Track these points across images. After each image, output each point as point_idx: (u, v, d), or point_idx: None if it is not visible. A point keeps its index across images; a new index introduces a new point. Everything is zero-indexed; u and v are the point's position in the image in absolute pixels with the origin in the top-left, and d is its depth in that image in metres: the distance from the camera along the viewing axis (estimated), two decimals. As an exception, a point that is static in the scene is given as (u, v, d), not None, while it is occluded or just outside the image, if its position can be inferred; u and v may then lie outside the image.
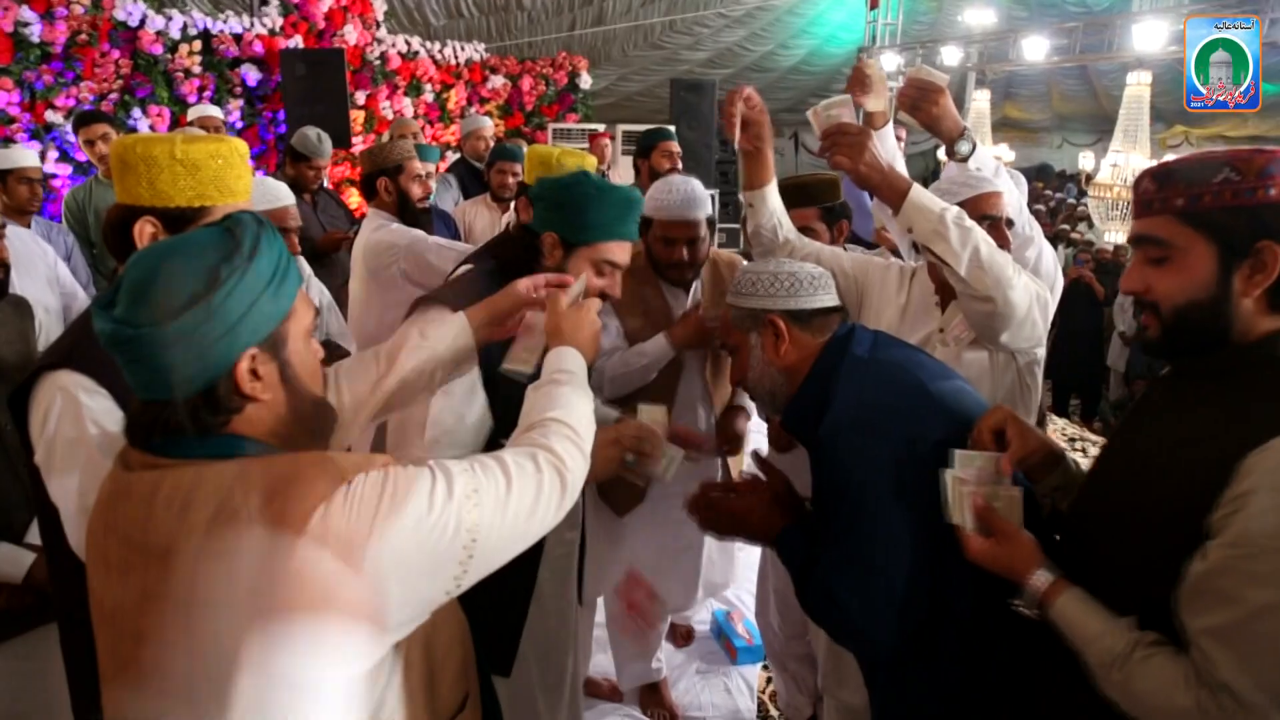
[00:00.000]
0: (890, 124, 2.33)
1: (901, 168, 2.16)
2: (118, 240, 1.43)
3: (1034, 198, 11.59)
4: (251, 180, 1.53)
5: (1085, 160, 8.95)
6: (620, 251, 1.75)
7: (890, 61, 10.68)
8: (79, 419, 1.34)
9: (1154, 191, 1.22)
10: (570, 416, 1.27)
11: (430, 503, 1.01)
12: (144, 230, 1.40)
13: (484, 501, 1.05)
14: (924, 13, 14.62)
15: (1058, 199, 14.24)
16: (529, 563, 1.70)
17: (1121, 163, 6.87)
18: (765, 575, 2.94)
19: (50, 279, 2.96)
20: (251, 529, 0.93)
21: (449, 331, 1.52)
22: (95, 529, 1.05)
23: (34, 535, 1.89)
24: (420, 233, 2.99)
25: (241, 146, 1.49)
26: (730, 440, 2.65)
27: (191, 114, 5.01)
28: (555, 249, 1.72)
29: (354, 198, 7.18)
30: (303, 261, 3.07)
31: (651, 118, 10.61)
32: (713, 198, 8.37)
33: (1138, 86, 6.94)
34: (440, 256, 2.84)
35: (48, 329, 2.15)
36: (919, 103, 2.04)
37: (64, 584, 1.51)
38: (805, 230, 2.39)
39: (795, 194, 2.42)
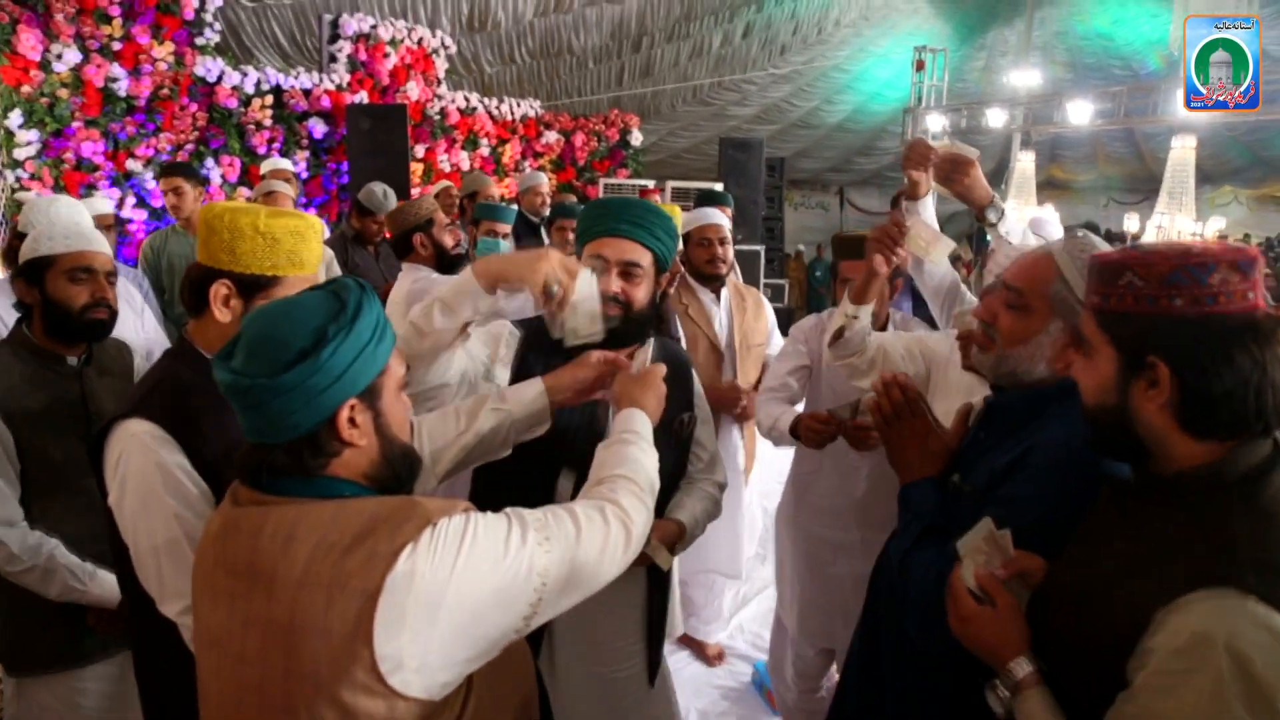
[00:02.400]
0: (931, 193, 2.46)
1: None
2: (193, 296, 1.55)
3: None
4: (321, 253, 1.64)
5: (1130, 222, 8.94)
6: (603, 247, 1.82)
7: (935, 122, 10.80)
8: (147, 464, 1.43)
9: (1090, 283, 1.18)
10: (637, 474, 1.38)
11: (506, 547, 1.12)
12: (219, 292, 1.51)
13: (554, 548, 1.16)
14: (969, 73, 14.78)
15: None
16: None
17: (1166, 224, 6.90)
18: (780, 627, 2.99)
19: (136, 323, 3.14)
20: (346, 564, 1.05)
21: (526, 395, 1.64)
22: (204, 559, 1.18)
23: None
24: None
25: (317, 223, 1.60)
26: (722, 405, 3.09)
27: (265, 166, 5.28)
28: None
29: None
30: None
31: (699, 175, 10.84)
32: (759, 254, 8.53)
33: (1183, 150, 6.99)
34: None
35: (138, 371, 2.31)
36: (951, 175, 2.19)
37: (135, 615, 1.61)
38: None
39: (858, 247, 2.45)
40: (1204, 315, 1.04)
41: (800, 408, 2.68)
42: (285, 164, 5.37)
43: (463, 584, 1.06)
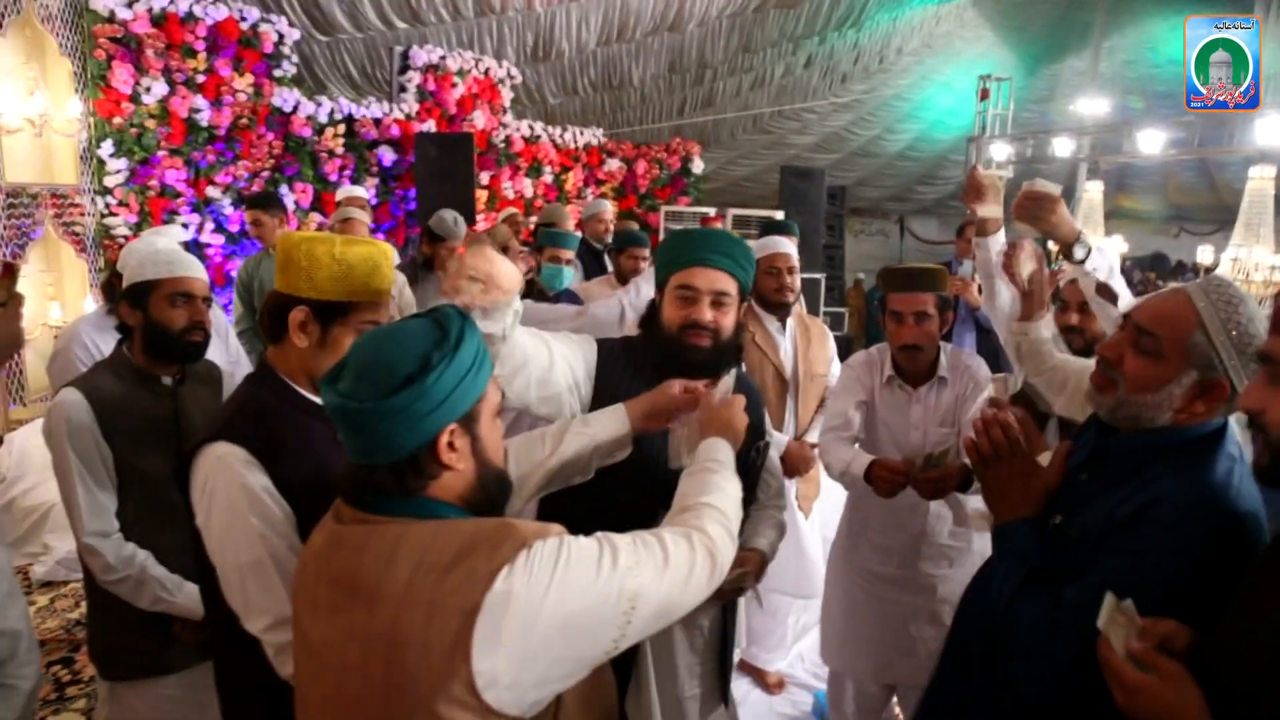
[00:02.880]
0: (1001, 230, 2.46)
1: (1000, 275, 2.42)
2: (273, 323, 1.61)
3: (1146, 288, 11.29)
4: (394, 278, 1.69)
5: (1204, 254, 8.70)
6: (693, 276, 1.84)
7: (1000, 151, 10.68)
8: (233, 486, 1.47)
9: None
10: (721, 502, 1.40)
11: (598, 570, 1.14)
12: (295, 318, 1.56)
13: (643, 574, 1.18)
14: (1034, 102, 14.60)
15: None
16: None
17: (1243, 256, 6.68)
18: None
19: (221, 346, 3.26)
20: (446, 582, 1.08)
21: (609, 421, 1.68)
22: (306, 572, 1.22)
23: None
24: (529, 301, 3.29)
25: (389, 250, 1.65)
26: (794, 464, 3.18)
27: (340, 194, 5.45)
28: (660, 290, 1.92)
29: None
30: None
31: (759, 203, 10.86)
32: (819, 281, 8.51)
33: (1260, 180, 6.79)
34: (556, 314, 3.14)
35: (226, 391, 2.40)
36: (1037, 213, 2.16)
37: (218, 630, 1.65)
38: (921, 315, 2.48)
39: (906, 280, 2.52)
40: None
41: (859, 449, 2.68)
42: (360, 191, 5.52)
43: (556, 605, 1.09)
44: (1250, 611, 1.17)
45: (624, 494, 1.73)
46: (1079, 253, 2.18)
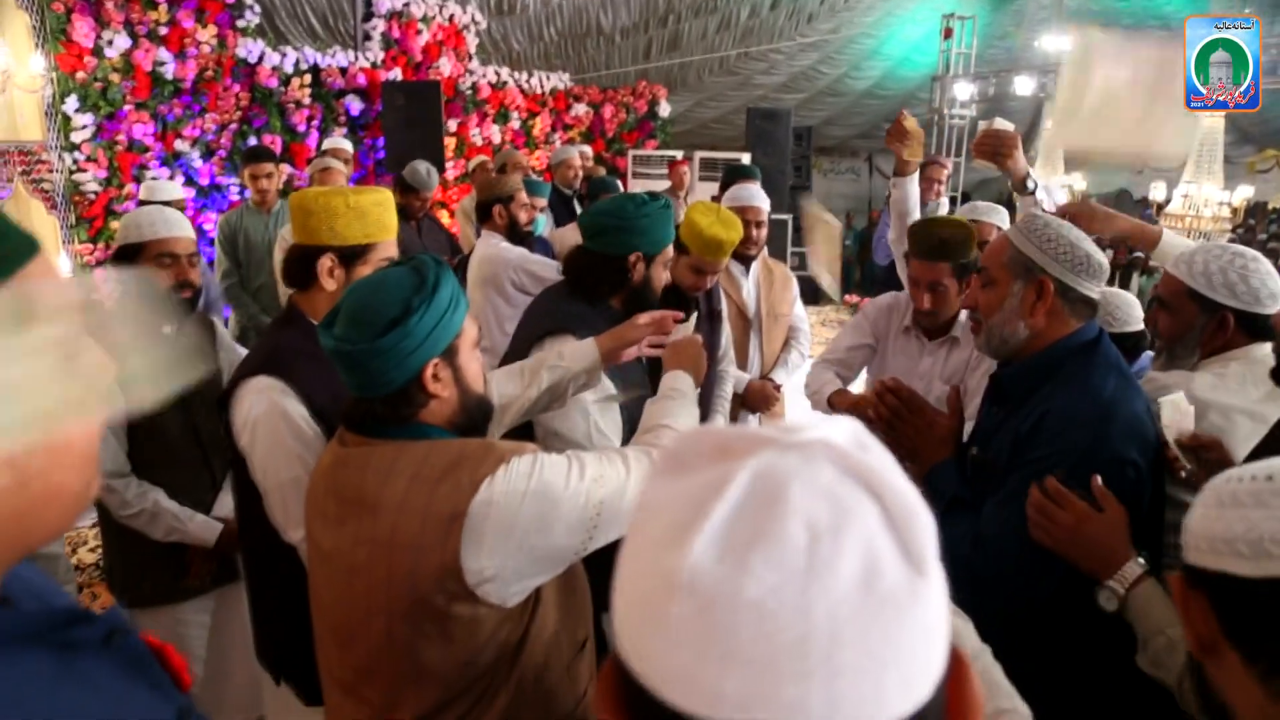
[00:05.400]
0: (917, 171, 2.91)
1: (916, 212, 2.97)
2: (299, 272, 1.79)
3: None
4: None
5: (1157, 190, 8.92)
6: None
7: (963, 90, 10.80)
8: (274, 413, 1.67)
9: None
10: (679, 424, 1.61)
11: (567, 481, 1.33)
12: (325, 264, 1.75)
13: (608, 484, 1.37)
14: (1000, 38, 14.63)
15: (1135, 225, 14.01)
16: None
17: (1194, 193, 6.91)
18: None
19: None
20: (437, 492, 1.26)
21: (582, 354, 1.85)
22: (316, 490, 1.40)
23: (217, 511, 2.30)
24: (525, 250, 3.49)
25: (390, 194, 1.85)
26: (756, 400, 3.33)
27: (327, 143, 5.52)
28: (639, 264, 2.09)
29: (444, 218, 7.66)
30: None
31: (728, 144, 10.94)
32: (787, 222, 8.64)
33: (1211, 119, 6.99)
34: (544, 268, 3.36)
35: (220, 339, 2.54)
36: (998, 150, 2.44)
37: (254, 550, 1.87)
38: (935, 285, 2.52)
39: (930, 249, 2.50)
40: None
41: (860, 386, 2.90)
42: (344, 144, 5.55)
43: (531, 510, 1.27)
44: None
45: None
46: (1030, 185, 2.45)
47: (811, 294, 10.09)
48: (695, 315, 1.94)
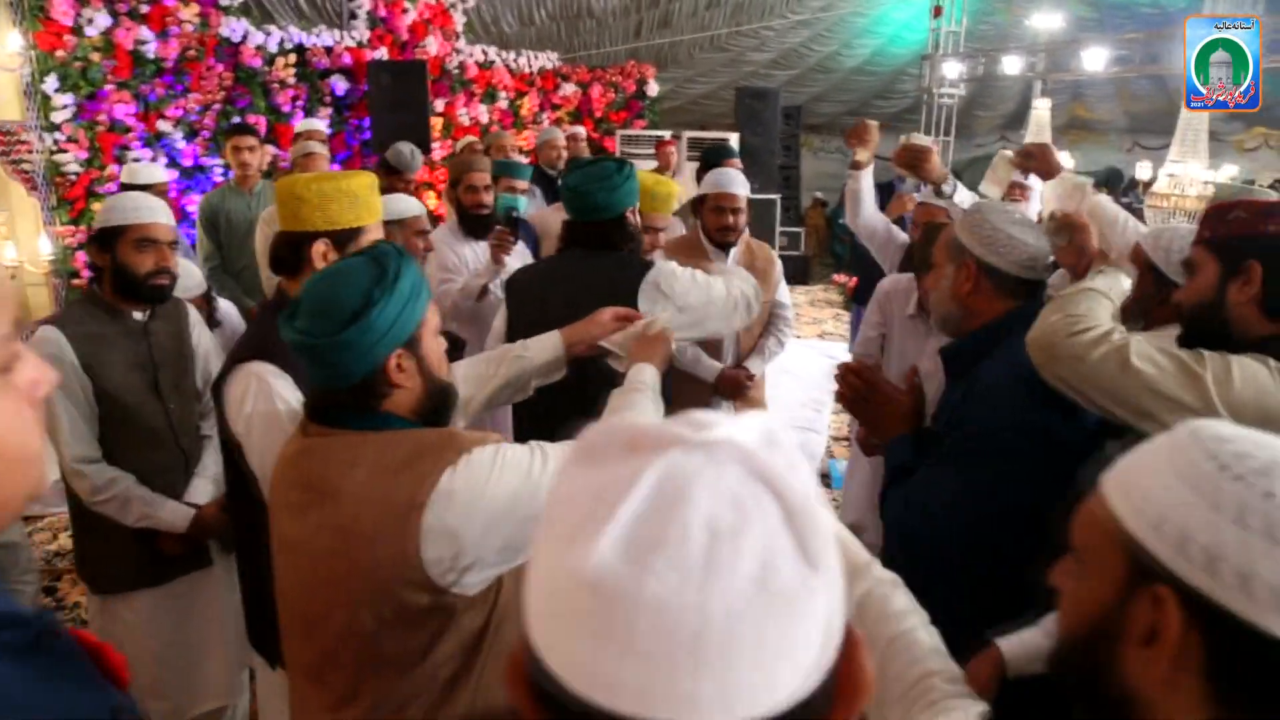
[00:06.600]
0: (871, 166, 3.39)
1: (870, 203, 3.52)
2: (289, 258, 1.79)
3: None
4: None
5: (1143, 170, 8.92)
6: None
7: (952, 70, 10.74)
8: (270, 398, 1.69)
9: (1203, 224, 1.56)
10: (643, 416, 1.60)
11: (529, 471, 1.33)
12: (319, 249, 1.75)
13: None
14: (989, 14, 14.56)
15: (1123, 204, 14.06)
16: None
17: (1179, 172, 6.91)
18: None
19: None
20: (398, 481, 1.27)
21: (546, 346, 1.86)
22: (281, 479, 1.40)
23: (189, 496, 2.31)
24: (443, 240, 3.50)
25: (374, 178, 1.86)
26: (729, 388, 3.29)
27: (300, 126, 5.48)
28: (634, 215, 2.29)
29: (431, 200, 7.62)
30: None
31: (716, 122, 10.89)
32: (775, 202, 8.62)
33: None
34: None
35: (193, 324, 2.54)
36: (915, 161, 2.83)
37: (245, 533, 1.87)
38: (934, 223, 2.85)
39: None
40: None
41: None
42: (318, 125, 5.52)
43: (491, 499, 1.28)
44: None
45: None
46: (946, 189, 2.82)
47: (800, 274, 10.08)
48: (667, 316, 1.94)
